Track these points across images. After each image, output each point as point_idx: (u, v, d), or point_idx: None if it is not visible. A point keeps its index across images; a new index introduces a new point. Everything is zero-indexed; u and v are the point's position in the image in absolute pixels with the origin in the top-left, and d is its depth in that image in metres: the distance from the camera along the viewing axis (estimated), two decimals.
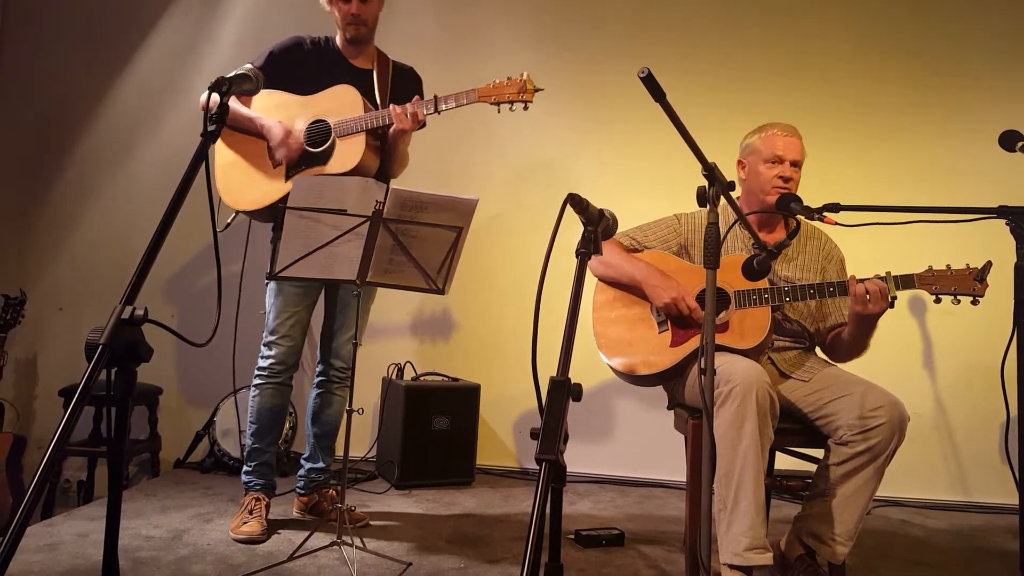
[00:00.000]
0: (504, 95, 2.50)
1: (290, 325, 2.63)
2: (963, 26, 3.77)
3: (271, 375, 2.64)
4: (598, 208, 1.50)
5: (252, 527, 2.50)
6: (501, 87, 2.51)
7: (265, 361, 2.65)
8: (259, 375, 2.66)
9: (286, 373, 2.66)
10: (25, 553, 2.29)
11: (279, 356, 2.63)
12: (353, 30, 2.62)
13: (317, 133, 2.58)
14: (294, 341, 2.65)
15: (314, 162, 2.57)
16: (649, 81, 1.44)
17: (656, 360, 2.31)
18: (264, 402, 2.65)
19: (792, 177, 2.35)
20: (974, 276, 2.10)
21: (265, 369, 2.65)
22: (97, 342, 1.12)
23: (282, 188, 2.57)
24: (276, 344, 2.63)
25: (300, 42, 2.67)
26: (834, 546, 2.08)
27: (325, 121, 2.57)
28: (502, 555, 2.50)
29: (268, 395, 2.65)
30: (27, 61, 4.01)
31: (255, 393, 2.67)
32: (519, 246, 3.75)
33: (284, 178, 2.59)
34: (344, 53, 2.69)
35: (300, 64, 2.64)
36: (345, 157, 2.53)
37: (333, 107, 2.58)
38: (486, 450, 3.62)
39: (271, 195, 2.58)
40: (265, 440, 2.68)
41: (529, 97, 2.50)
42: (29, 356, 3.90)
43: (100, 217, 3.95)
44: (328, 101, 2.59)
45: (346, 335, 2.74)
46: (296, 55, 2.65)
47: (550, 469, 1.17)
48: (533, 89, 2.50)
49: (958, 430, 3.60)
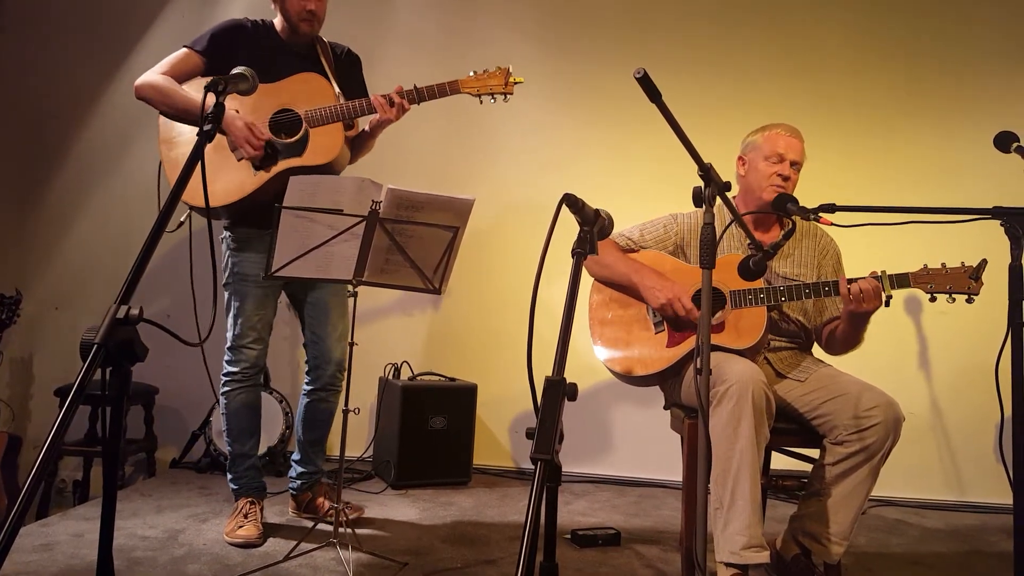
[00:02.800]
0: (486, 86, 2.47)
1: (261, 327, 2.58)
2: (959, 27, 3.78)
3: (244, 379, 2.58)
4: (594, 208, 1.51)
5: (248, 531, 2.48)
6: (482, 78, 2.48)
7: (236, 366, 2.57)
8: (231, 379, 2.58)
9: (259, 375, 2.63)
10: (20, 553, 2.28)
11: (251, 359, 2.58)
12: (307, 26, 2.52)
13: (284, 123, 2.46)
14: (265, 343, 2.61)
15: (288, 153, 2.45)
16: (645, 81, 1.44)
17: (653, 360, 2.31)
18: (242, 406, 2.59)
19: (790, 177, 2.36)
20: (969, 274, 2.11)
21: (237, 374, 2.57)
22: (92, 342, 1.12)
23: (253, 180, 2.45)
24: (248, 348, 2.57)
25: (242, 24, 2.56)
26: (830, 545, 2.09)
27: (293, 111, 2.46)
28: (498, 555, 2.50)
29: (243, 398, 2.59)
30: (23, 61, 3.99)
31: (226, 401, 2.59)
32: (516, 246, 3.74)
33: (254, 170, 2.46)
34: (284, 39, 2.57)
35: (243, 47, 2.51)
36: (322, 148, 2.44)
37: (300, 96, 2.46)
38: (483, 450, 3.62)
39: (244, 188, 2.44)
40: (247, 444, 2.63)
41: (510, 89, 2.48)
42: (25, 355, 3.89)
43: (96, 217, 3.94)
44: (294, 89, 2.47)
45: (333, 337, 2.67)
46: (239, 37, 2.53)
47: (545, 469, 1.17)
48: (514, 81, 2.47)
49: (953, 430, 3.61)
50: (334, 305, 2.67)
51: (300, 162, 2.45)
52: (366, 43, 2.79)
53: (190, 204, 2.43)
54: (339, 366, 2.69)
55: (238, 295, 2.57)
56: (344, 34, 2.78)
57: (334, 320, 2.67)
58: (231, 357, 2.59)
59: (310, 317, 2.69)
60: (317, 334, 2.68)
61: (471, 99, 2.56)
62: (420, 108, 3.83)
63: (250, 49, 2.51)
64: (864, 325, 2.22)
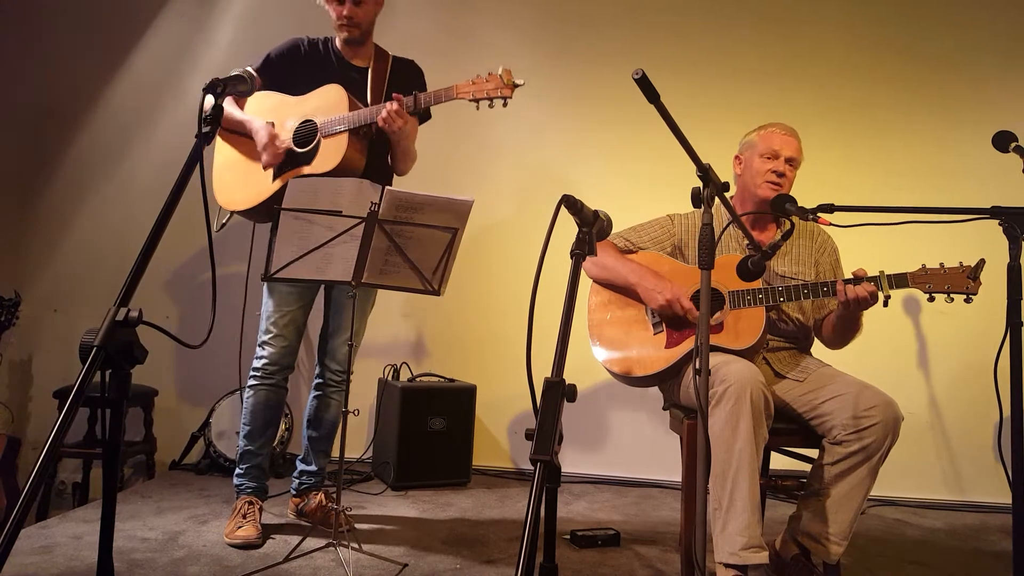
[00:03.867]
0: (483, 91, 2.45)
1: (283, 325, 2.61)
2: (957, 27, 3.78)
3: (265, 376, 2.63)
4: (592, 209, 1.51)
5: (247, 531, 2.48)
6: (480, 83, 2.46)
7: (259, 361, 2.64)
8: (253, 375, 2.65)
9: (280, 374, 2.65)
10: (20, 555, 2.28)
11: (272, 356, 2.62)
12: (346, 32, 2.61)
13: (305, 133, 2.57)
14: (288, 341, 2.63)
15: (299, 162, 2.55)
16: (643, 83, 1.44)
17: (652, 361, 2.31)
18: (258, 403, 2.64)
19: (785, 174, 2.36)
20: (967, 274, 2.11)
21: (259, 370, 2.63)
22: (92, 344, 1.13)
23: (270, 188, 2.56)
24: (269, 344, 2.62)
25: (297, 44, 2.67)
26: (829, 545, 2.09)
27: (313, 121, 2.56)
28: (498, 556, 2.50)
29: (262, 396, 2.64)
30: (22, 61, 3.99)
31: (249, 394, 2.65)
32: (514, 247, 3.75)
33: (272, 178, 2.58)
34: (342, 52, 2.68)
35: (297, 66, 2.63)
36: (327, 157, 2.51)
37: (320, 106, 2.56)
38: (482, 451, 3.63)
39: (261, 195, 2.58)
40: (257, 442, 2.66)
41: (508, 92, 2.45)
42: (24, 357, 3.89)
43: (95, 218, 3.94)
44: (316, 101, 2.58)
45: (341, 338, 2.71)
46: (293, 57, 2.65)
47: (545, 470, 1.17)
48: (512, 84, 2.44)
49: (952, 430, 3.61)
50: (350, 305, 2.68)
51: (308, 170, 2.53)
52: None
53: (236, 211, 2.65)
54: (342, 366, 2.72)
55: (269, 291, 2.64)
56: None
57: (346, 321, 2.69)
58: (257, 352, 2.66)
59: (330, 316, 2.76)
60: (330, 331, 2.75)
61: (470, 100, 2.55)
62: None
63: (304, 67, 2.64)
64: (858, 317, 2.26)
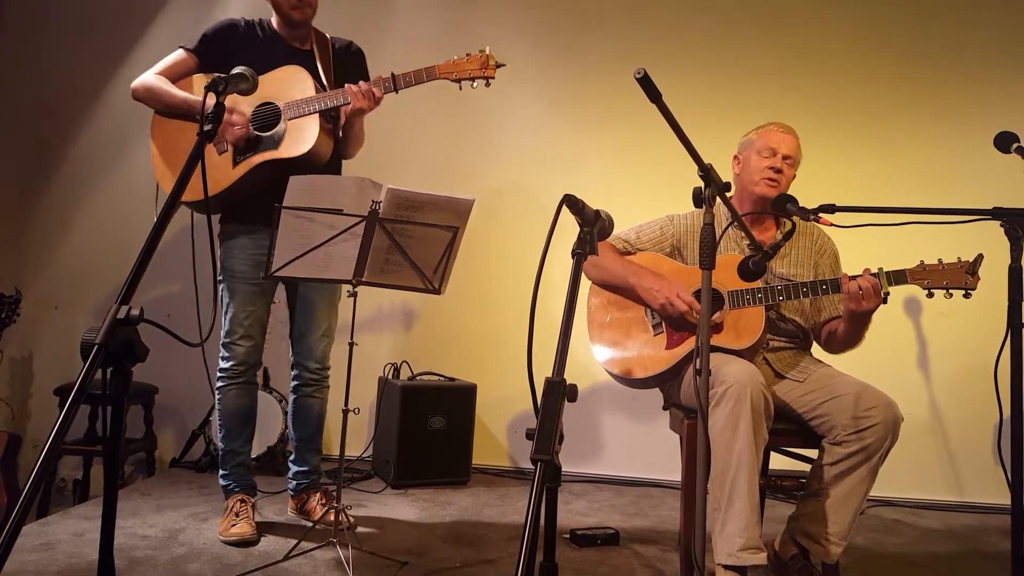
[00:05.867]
0: (465, 71, 2.40)
1: (248, 324, 2.58)
2: (958, 28, 3.78)
3: (233, 376, 2.58)
4: (594, 209, 1.51)
5: (242, 528, 2.48)
6: (461, 63, 2.42)
7: (227, 362, 2.58)
8: (222, 377, 2.59)
9: (249, 372, 2.62)
10: (20, 552, 2.29)
11: (240, 356, 2.57)
12: (299, 13, 2.52)
13: (266, 116, 2.46)
14: (254, 340, 2.60)
15: (266, 146, 2.44)
16: (645, 82, 1.44)
17: (652, 362, 2.31)
18: (230, 404, 2.60)
19: (783, 171, 2.36)
20: (965, 269, 2.11)
21: (228, 371, 2.58)
22: (93, 342, 1.13)
23: (230, 175, 2.45)
24: (237, 344, 2.57)
25: (234, 23, 2.59)
26: (828, 546, 2.09)
27: (273, 104, 2.46)
28: (497, 555, 2.50)
29: (233, 396, 2.59)
30: (22, 60, 3.99)
31: (219, 396, 2.60)
32: (516, 246, 3.75)
33: (232, 164, 2.46)
34: (282, 34, 2.60)
35: (234, 45, 2.54)
36: (298, 140, 2.43)
37: (281, 89, 2.46)
38: (482, 450, 3.63)
39: (220, 183, 2.45)
40: (237, 441, 2.64)
41: (491, 73, 2.40)
42: (24, 355, 3.90)
43: (96, 216, 3.94)
44: (276, 82, 2.46)
45: (316, 334, 2.68)
46: (230, 36, 2.56)
47: (545, 469, 1.17)
48: (495, 64, 2.40)
49: (952, 430, 3.61)
50: (320, 302, 2.67)
51: (276, 154, 2.44)
52: (365, 42, 2.79)
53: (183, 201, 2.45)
54: (321, 363, 2.70)
55: (228, 291, 2.58)
56: (343, 33, 2.78)
57: (319, 318, 2.68)
58: (223, 353, 2.61)
59: (298, 314, 2.71)
60: (301, 330, 2.70)
61: (471, 99, 2.53)
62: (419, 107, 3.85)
63: (243, 47, 2.54)
64: (866, 324, 2.22)
